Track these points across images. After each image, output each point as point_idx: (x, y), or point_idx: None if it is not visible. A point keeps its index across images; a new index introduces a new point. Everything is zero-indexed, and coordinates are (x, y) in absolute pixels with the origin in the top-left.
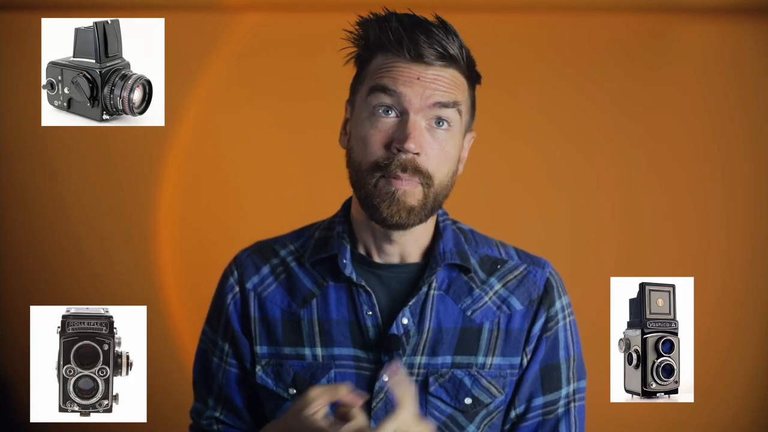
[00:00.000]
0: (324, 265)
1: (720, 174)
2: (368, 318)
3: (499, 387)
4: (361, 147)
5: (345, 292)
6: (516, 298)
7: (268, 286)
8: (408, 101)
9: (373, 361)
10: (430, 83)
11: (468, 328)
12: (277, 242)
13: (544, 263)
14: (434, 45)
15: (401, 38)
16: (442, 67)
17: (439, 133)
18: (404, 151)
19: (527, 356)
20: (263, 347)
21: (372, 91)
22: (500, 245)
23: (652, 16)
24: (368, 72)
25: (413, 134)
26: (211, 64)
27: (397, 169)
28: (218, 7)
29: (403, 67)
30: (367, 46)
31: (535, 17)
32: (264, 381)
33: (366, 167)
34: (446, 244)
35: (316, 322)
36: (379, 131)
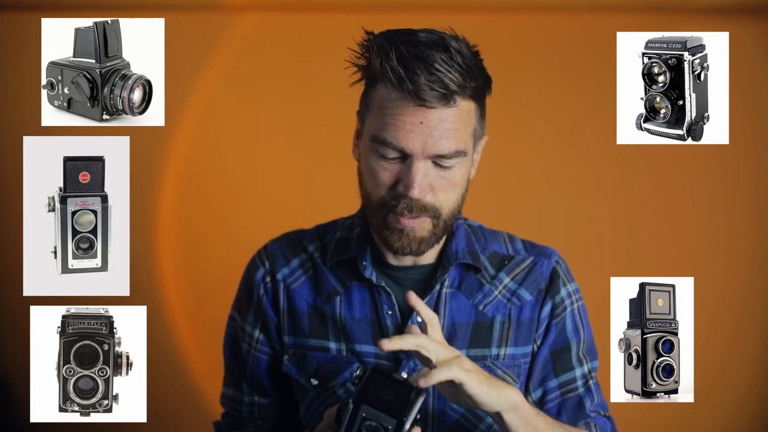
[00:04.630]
0: (346, 265)
1: (720, 174)
2: (388, 317)
3: (514, 376)
4: (370, 181)
5: (367, 291)
6: (525, 289)
7: (297, 278)
8: (410, 150)
9: (392, 359)
10: (434, 128)
11: (481, 321)
12: (305, 237)
13: (551, 252)
14: (435, 85)
15: (401, 79)
16: (445, 107)
17: (445, 167)
18: (408, 197)
19: (537, 342)
20: (289, 337)
21: (375, 140)
22: (507, 239)
23: (652, 16)
24: (373, 101)
25: (416, 182)
26: (211, 64)
27: (404, 210)
28: (218, 7)
29: (405, 110)
30: (370, 73)
31: (534, 17)
32: (288, 369)
33: (375, 202)
34: (458, 243)
35: (339, 318)
36: (385, 172)
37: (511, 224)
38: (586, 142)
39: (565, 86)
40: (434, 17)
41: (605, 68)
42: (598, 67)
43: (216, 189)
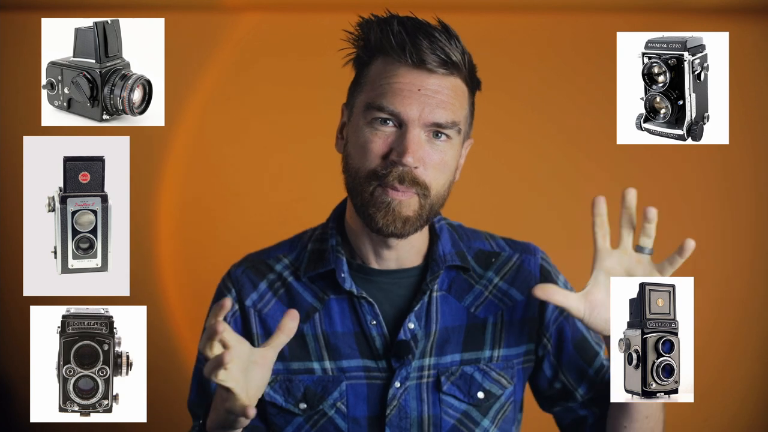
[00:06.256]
0: (322, 279)
1: (720, 174)
2: (373, 328)
3: (508, 378)
4: (359, 155)
5: (347, 304)
6: (516, 290)
7: (267, 302)
8: (407, 116)
9: (383, 370)
10: (432, 96)
11: (473, 324)
12: (270, 256)
13: (534, 249)
14: (437, 51)
15: (404, 43)
16: (443, 75)
17: (439, 144)
18: (402, 164)
19: (549, 343)
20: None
21: (369, 107)
22: (489, 237)
23: (652, 16)
24: (368, 78)
25: (411, 148)
26: (211, 64)
27: (395, 181)
28: (218, 7)
29: (404, 76)
30: (368, 49)
31: (534, 17)
32: (272, 398)
33: (363, 175)
34: (444, 245)
35: (321, 336)
36: (378, 140)
37: (511, 224)
38: (586, 142)
39: (565, 86)
40: (434, 18)
41: (605, 68)
42: (599, 67)
43: (216, 189)
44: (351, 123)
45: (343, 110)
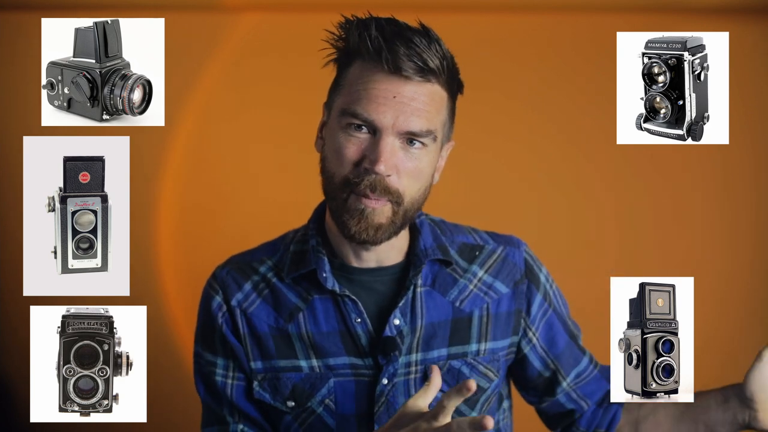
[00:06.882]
0: (305, 279)
1: (720, 174)
2: (358, 325)
3: (494, 370)
4: (334, 159)
5: (331, 303)
6: (501, 282)
7: (252, 302)
8: (381, 124)
9: (370, 367)
10: (407, 104)
11: (459, 318)
12: (253, 258)
13: (518, 242)
14: (413, 58)
15: (380, 48)
16: (420, 82)
17: (413, 151)
18: (374, 172)
19: (536, 336)
20: (257, 362)
21: (344, 113)
22: (472, 231)
23: (652, 16)
24: (346, 80)
25: (384, 156)
26: (211, 64)
27: (367, 189)
28: (218, 7)
29: (380, 82)
30: (347, 51)
31: (534, 17)
32: (261, 395)
33: (337, 181)
34: (425, 240)
35: (306, 335)
36: (352, 147)
37: (511, 223)
38: (586, 142)
39: (565, 86)
40: (434, 17)
41: (605, 68)
42: (599, 67)
43: (216, 189)
44: (328, 125)
45: (324, 109)
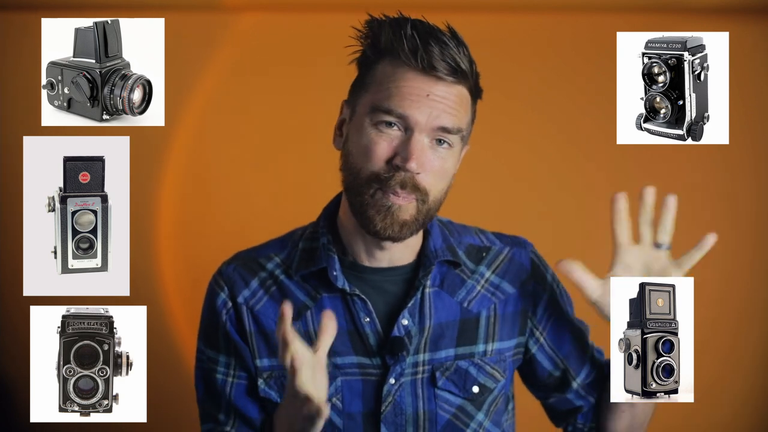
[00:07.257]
0: (314, 277)
1: (720, 174)
2: (367, 325)
3: (501, 371)
4: (362, 156)
5: (340, 302)
6: (508, 283)
7: (259, 299)
8: (414, 121)
9: (378, 366)
10: (438, 102)
11: (467, 319)
12: (260, 254)
13: (524, 242)
14: (447, 58)
15: (416, 47)
16: (451, 83)
17: (440, 151)
18: (405, 169)
19: (543, 336)
20: (263, 360)
21: (375, 109)
22: (479, 232)
23: (652, 16)
24: (374, 78)
25: (416, 154)
26: (211, 64)
27: (397, 186)
28: (218, 7)
29: (412, 80)
30: (376, 49)
31: (534, 17)
32: (267, 393)
33: (364, 177)
34: (435, 241)
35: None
36: (383, 143)
37: (511, 224)
38: (586, 142)
39: (565, 86)
40: (435, 17)
41: (605, 68)
42: (599, 67)
43: (216, 189)
44: (353, 122)
45: (344, 107)
